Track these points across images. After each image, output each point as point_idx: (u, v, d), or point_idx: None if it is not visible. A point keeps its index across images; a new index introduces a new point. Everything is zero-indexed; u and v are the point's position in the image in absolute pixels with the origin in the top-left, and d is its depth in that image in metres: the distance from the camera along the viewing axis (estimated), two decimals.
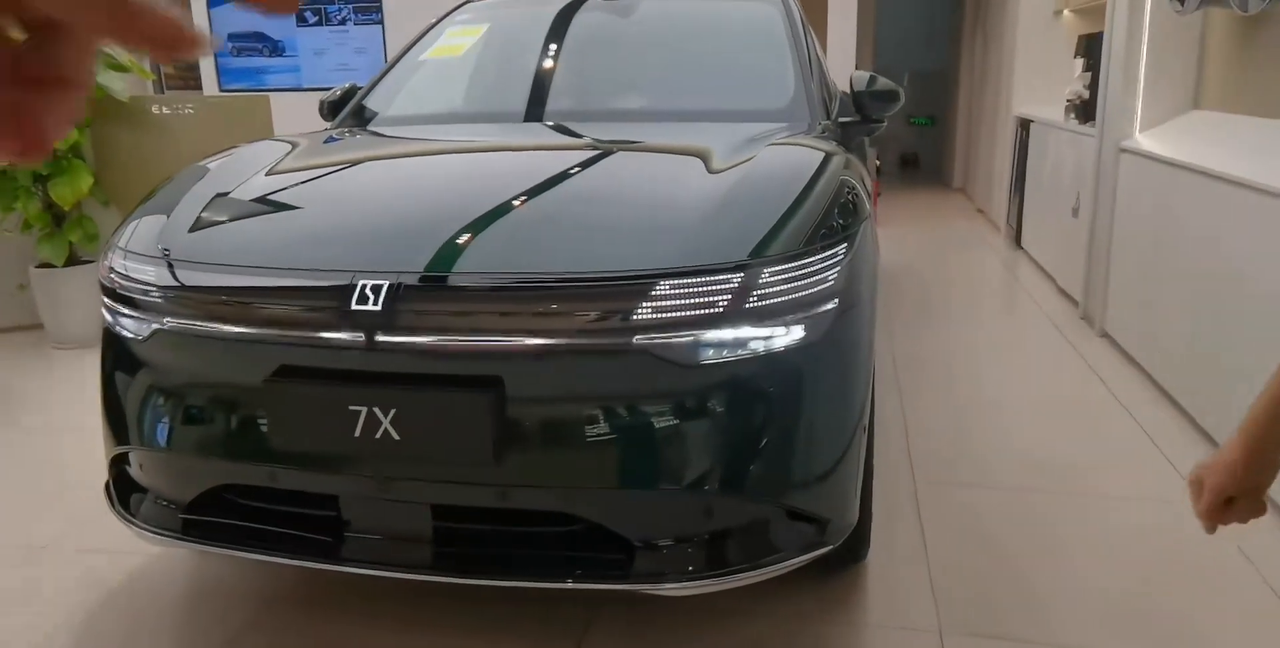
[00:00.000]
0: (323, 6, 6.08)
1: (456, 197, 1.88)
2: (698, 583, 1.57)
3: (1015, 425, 2.94)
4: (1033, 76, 6.30)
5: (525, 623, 1.87)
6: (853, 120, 2.71)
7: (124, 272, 1.77)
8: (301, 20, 6.11)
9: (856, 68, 4.72)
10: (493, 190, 1.87)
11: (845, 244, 1.67)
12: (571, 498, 1.57)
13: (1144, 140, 3.67)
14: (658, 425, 1.51)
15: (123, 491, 1.85)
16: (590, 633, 1.83)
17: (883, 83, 2.68)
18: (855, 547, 1.92)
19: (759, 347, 1.54)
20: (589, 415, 1.51)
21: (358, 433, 1.51)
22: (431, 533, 1.63)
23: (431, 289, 1.56)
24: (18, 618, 1.94)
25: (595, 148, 2.25)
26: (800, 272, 1.57)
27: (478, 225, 1.69)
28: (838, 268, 1.63)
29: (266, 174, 2.04)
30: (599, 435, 1.51)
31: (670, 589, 1.59)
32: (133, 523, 1.78)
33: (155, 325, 1.70)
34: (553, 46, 2.95)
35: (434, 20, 3.18)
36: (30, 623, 1.91)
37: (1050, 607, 1.91)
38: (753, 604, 1.91)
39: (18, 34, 0.31)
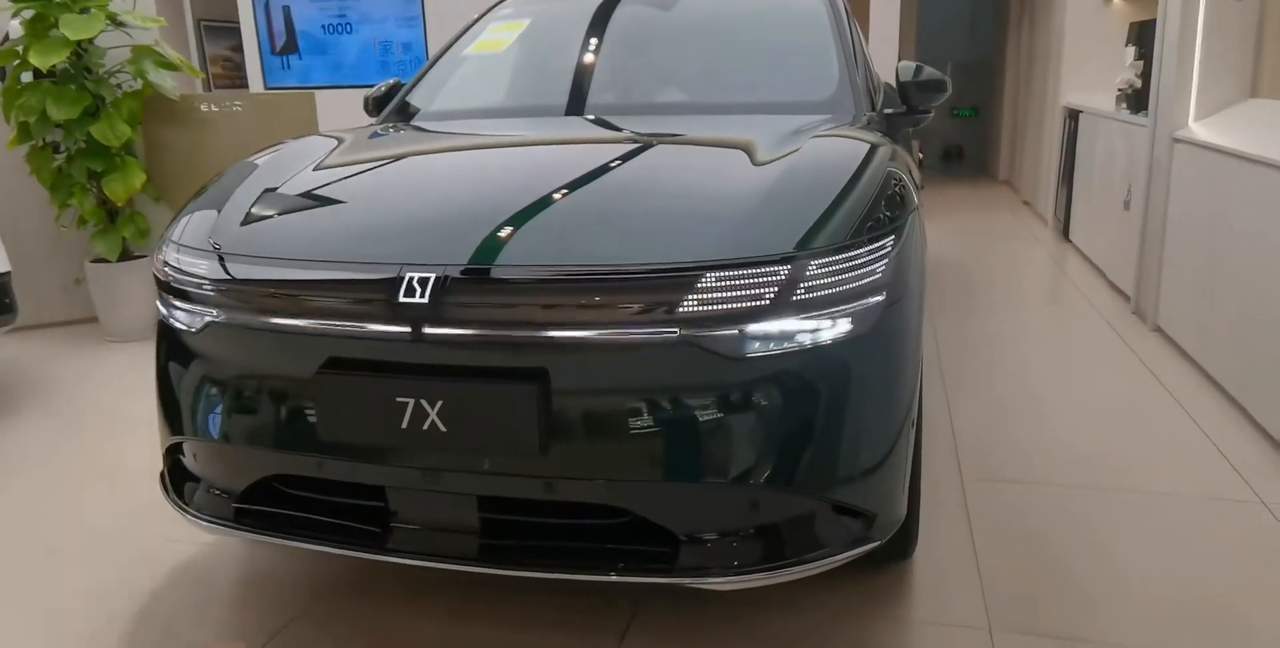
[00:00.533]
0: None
1: (500, 190, 1.89)
2: (743, 578, 1.56)
3: (1065, 421, 2.89)
4: (1081, 65, 6.17)
5: (570, 615, 1.88)
6: (898, 111, 2.68)
7: (177, 265, 1.80)
8: (341, 18, 6.17)
9: (899, 58, 4.66)
10: (537, 184, 1.87)
11: (893, 236, 1.65)
12: (617, 490, 1.57)
13: (1199, 130, 3.57)
14: (703, 418, 1.51)
15: (177, 480, 1.88)
16: (635, 625, 1.84)
17: (929, 73, 2.64)
18: (903, 543, 1.90)
19: (806, 339, 1.52)
20: (634, 408, 1.51)
21: (405, 424, 1.53)
22: (477, 524, 1.65)
23: (477, 282, 1.57)
24: (73, 604, 1.99)
25: (639, 141, 2.24)
26: (847, 264, 1.55)
27: (522, 218, 1.70)
28: (885, 260, 1.61)
29: (314, 169, 2.06)
30: (645, 428, 1.51)
31: (715, 583, 1.58)
32: (187, 512, 1.82)
33: (208, 318, 1.73)
34: (594, 40, 2.94)
35: (476, 16, 3.19)
36: (85, 609, 1.96)
37: (1101, 605, 1.88)
38: (798, 598, 1.90)
39: None
